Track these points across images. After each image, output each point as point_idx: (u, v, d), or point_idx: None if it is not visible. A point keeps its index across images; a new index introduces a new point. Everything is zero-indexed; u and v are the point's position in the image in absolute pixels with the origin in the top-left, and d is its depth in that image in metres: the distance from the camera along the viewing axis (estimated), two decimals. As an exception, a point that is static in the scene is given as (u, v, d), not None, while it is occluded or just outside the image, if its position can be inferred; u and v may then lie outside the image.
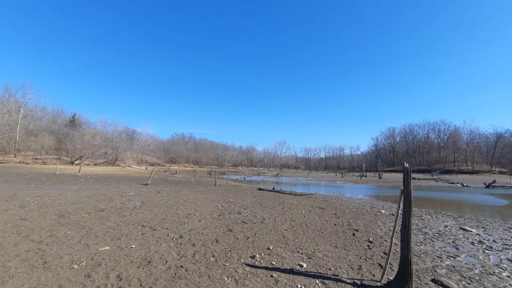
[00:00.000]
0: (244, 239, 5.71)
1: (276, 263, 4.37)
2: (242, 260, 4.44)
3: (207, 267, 4.03)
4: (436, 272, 4.34)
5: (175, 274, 3.74)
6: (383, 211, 10.68)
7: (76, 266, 3.84)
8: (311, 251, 5.12)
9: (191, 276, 3.68)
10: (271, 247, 5.21)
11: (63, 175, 24.50)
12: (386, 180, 40.90)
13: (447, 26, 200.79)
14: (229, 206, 10.31)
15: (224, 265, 4.16)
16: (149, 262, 4.14)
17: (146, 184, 19.17)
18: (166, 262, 4.19)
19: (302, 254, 4.94)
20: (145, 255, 4.45)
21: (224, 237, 5.84)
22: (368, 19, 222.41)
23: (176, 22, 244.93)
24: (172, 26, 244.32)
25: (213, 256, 4.56)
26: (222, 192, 15.86)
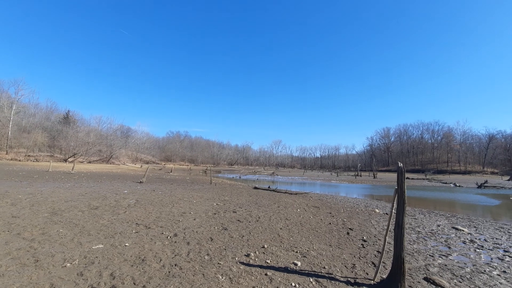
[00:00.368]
0: (239, 238, 5.71)
1: (270, 261, 4.38)
2: (236, 258, 4.44)
3: (201, 266, 4.02)
4: (429, 270, 4.40)
5: (169, 272, 3.72)
6: (377, 210, 10.78)
7: (68, 265, 3.80)
8: (306, 250, 5.14)
9: (185, 275, 3.67)
10: (266, 246, 5.22)
11: (56, 173, 24.19)
12: (380, 180, 41.28)
13: (442, 27, 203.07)
14: (224, 204, 10.30)
15: (218, 263, 4.16)
16: (143, 260, 4.12)
17: (141, 182, 19.04)
18: (160, 260, 4.16)
19: (297, 252, 4.96)
20: (139, 253, 4.42)
21: (219, 235, 5.83)
22: (364, 19, 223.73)
23: (172, 19, 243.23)
24: (168, 23, 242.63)
25: (207, 254, 4.55)
26: (217, 190, 15.83)
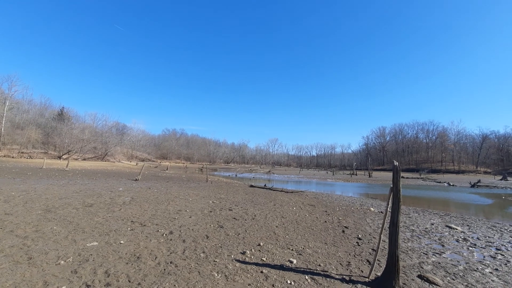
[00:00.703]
0: (235, 236, 5.71)
1: (266, 259, 4.39)
2: (232, 256, 4.44)
3: (197, 263, 4.02)
4: (422, 268, 4.45)
5: (164, 270, 3.71)
6: (372, 209, 10.86)
7: (62, 262, 3.76)
8: (301, 248, 5.16)
9: (180, 272, 3.66)
10: (261, 244, 5.22)
11: (50, 170, 23.91)
12: (375, 179, 41.60)
13: (438, 27, 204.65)
14: (220, 202, 10.29)
15: (214, 261, 4.15)
16: (138, 258, 4.09)
17: (136, 179, 18.92)
18: (156, 258, 4.14)
19: (293, 250, 4.97)
20: (134, 251, 4.40)
21: (215, 233, 5.82)
22: (360, 19, 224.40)
23: (169, 16, 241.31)
24: (165, 19, 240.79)
25: (203, 252, 4.54)
26: (213, 188, 15.80)
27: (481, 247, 6.08)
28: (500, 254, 5.57)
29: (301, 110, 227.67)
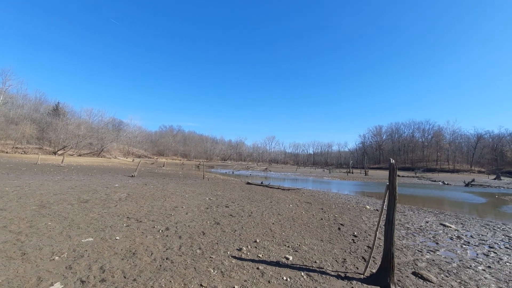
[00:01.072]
0: (231, 232, 5.71)
1: (262, 255, 4.40)
2: (228, 252, 4.44)
3: (193, 259, 4.01)
4: (417, 265, 4.49)
5: (160, 266, 3.70)
6: (368, 207, 10.94)
7: (57, 258, 3.73)
8: (298, 245, 5.18)
9: (176, 268, 3.65)
10: (258, 240, 5.23)
11: (45, 165, 23.67)
12: (371, 177, 41.86)
13: (435, 27, 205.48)
14: (217, 199, 10.28)
15: (210, 257, 4.15)
16: (133, 254, 4.07)
17: (132, 176, 18.82)
18: (152, 254, 4.13)
19: (289, 247, 4.99)
20: (129, 247, 4.37)
21: (211, 230, 5.82)
22: (358, 18, 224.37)
23: (166, 10, 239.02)
24: (161, 14, 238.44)
25: (199, 248, 4.54)
26: (210, 185, 15.78)
27: (474, 245, 6.16)
28: (493, 252, 5.66)
29: (298, 108, 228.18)
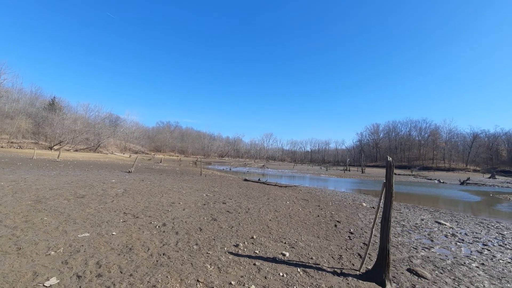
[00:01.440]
0: (228, 228, 5.73)
1: (259, 252, 4.42)
2: (225, 248, 4.45)
3: (190, 255, 4.01)
4: (412, 262, 4.54)
5: (157, 261, 3.70)
6: (364, 204, 11.01)
7: (52, 253, 3.71)
8: (294, 241, 5.21)
9: (173, 264, 3.65)
10: (255, 237, 5.25)
11: (41, 160, 23.49)
12: (368, 175, 42.10)
13: (432, 26, 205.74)
14: (214, 195, 10.28)
15: (207, 253, 4.16)
16: (130, 249, 4.07)
17: (129, 171, 18.74)
18: (148, 249, 4.12)
19: (285, 243, 5.01)
20: (126, 242, 4.37)
21: (208, 226, 5.83)
22: (356, 15, 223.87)
23: (163, 4, 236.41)
24: (158, 8, 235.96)
25: (196, 244, 4.54)
26: (207, 182, 15.78)
27: (468, 243, 6.24)
28: (487, 249, 5.73)
29: (296, 105, 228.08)
